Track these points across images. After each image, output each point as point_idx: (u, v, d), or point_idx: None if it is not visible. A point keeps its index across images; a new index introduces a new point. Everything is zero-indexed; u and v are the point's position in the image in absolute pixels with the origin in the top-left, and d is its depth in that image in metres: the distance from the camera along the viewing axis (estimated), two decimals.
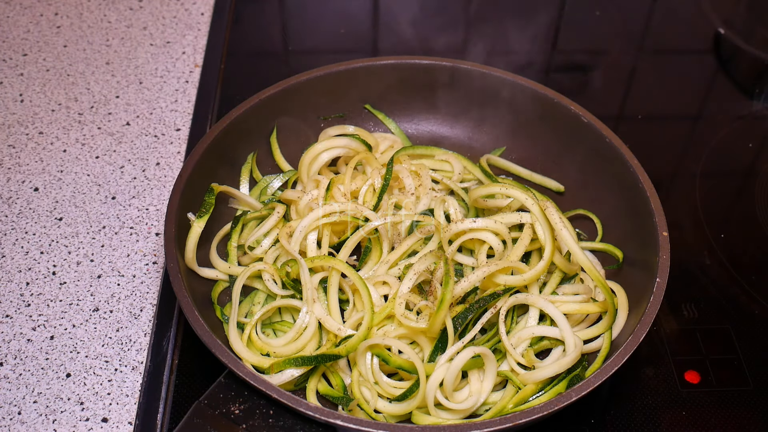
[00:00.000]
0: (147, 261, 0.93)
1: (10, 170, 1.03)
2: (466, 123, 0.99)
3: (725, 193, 1.03)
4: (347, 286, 0.79)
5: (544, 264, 0.75)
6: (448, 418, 0.72)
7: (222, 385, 0.68)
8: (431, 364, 0.73)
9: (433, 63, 0.95)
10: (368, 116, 1.00)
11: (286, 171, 0.95)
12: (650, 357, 0.84)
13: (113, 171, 1.03)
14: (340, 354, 0.72)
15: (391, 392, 0.74)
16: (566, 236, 0.73)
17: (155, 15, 1.28)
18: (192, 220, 0.80)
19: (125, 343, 0.85)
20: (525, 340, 0.77)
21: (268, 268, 0.80)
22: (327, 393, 0.75)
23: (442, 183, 0.91)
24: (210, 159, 0.85)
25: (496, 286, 0.76)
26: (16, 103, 1.12)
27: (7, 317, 0.87)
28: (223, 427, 0.65)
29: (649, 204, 0.80)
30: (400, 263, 0.81)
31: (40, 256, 0.93)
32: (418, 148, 0.95)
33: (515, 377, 0.74)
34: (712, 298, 0.90)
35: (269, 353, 0.76)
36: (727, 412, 0.80)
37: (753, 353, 0.84)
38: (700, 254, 0.95)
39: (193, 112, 1.11)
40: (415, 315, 0.75)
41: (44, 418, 0.79)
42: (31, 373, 0.82)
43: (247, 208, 0.89)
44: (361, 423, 0.64)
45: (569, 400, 0.66)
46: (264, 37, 1.26)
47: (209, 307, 0.81)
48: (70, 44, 1.21)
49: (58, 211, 0.98)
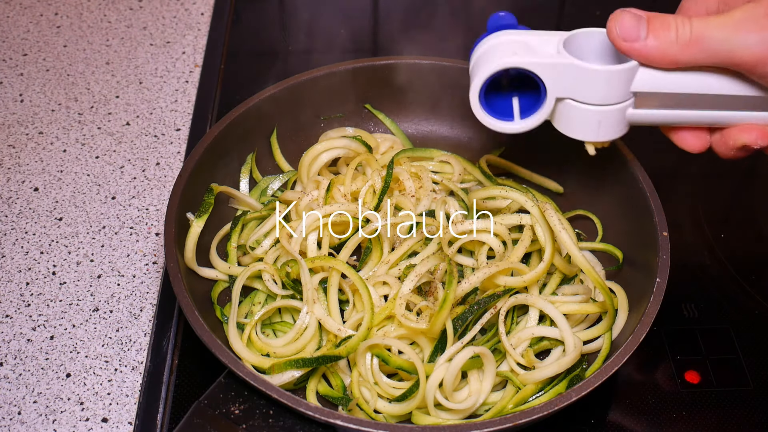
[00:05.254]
0: (147, 261, 0.93)
1: (10, 170, 1.03)
2: (466, 123, 0.99)
3: (725, 193, 1.03)
4: (347, 286, 0.79)
5: (545, 265, 0.75)
6: (447, 419, 0.72)
7: (222, 385, 0.68)
8: (431, 365, 0.73)
9: (433, 63, 0.95)
10: (368, 116, 1.00)
11: (286, 171, 0.95)
12: (650, 357, 0.84)
13: (113, 171, 1.03)
14: (340, 355, 0.73)
15: (390, 392, 0.74)
16: (565, 238, 0.73)
17: (155, 15, 1.28)
18: (191, 219, 0.80)
19: (125, 343, 0.85)
20: (525, 340, 0.77)
21: (268, 268, 0.80)
22: (327, 393, 0.75)
23: (442, 184, 0.91)
24: (210, 159, 0.85)
25: (496, 287, 0.76)
26: (16, 103, 1.12)
27: (7, 317, 0.87)
28: (223, 427, 0.65)
29: (649, 204, 0.80)
30: (400, 264, 0.82)
31: (40, 256, 0.93)
32: (417, 150, 0.95)
33: (515, 377, 0.74)
34: (712, 298, 0.90)
35: (269, 353, 0.76)
36: (727, 412, 0.80)
37: (753, 353, 0.84)
38: (700, 254, 0.95)
39: (193, 112, 1.11)
40: (415, 315, 0.76)
41: (44, 418, 0.79)
42: (31, 373, 0.82)
43: (247, 209, 0.89)
44: (361, 423, 0.64)
45: (569, 400, 0.66)
46: (264, 37, 1.26)
47: (209, 307, 0.81)
48: (70, 44, 1.22)
49: (58, 211, 0.98)
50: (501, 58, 0.68)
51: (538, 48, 0.69)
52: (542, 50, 0.68)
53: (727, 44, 0.63)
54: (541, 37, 0.70)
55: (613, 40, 0.66)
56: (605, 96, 0.68)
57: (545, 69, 0.68)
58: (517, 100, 0.74)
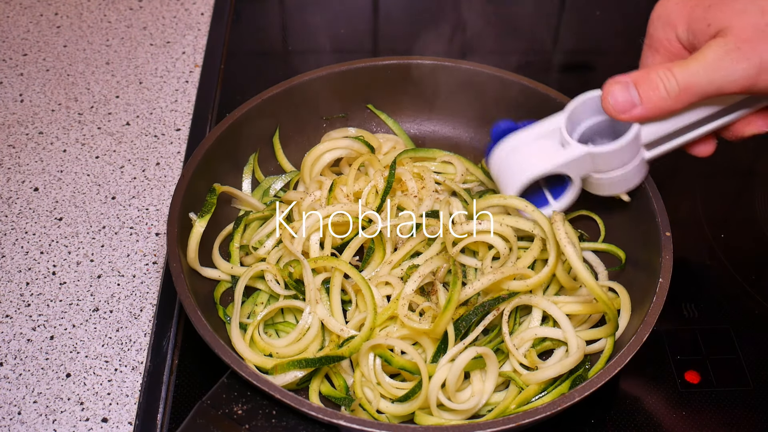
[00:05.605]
0: (147, 261, 0.93)
1: (10, 170, 1.03)
2: (468, 123, 0.99)
3: (725, 193, 1.04)
4: (350, 286, 0.79)
5: (549, 269, 0.75)
6: (450, 419, 0.72)
7: (225, 385, 0.68)
8: (434, 365, 0.73)
9: (435, 63, 0.95)
10: (371, 116, 1.00)
11: (289, 171, 0.95)
12: (650, 357, 0.84)
13: (113, 171, 1.03)
14: (343, 355, 0.72)
15: (393, 393, 0.74)
16: (570, 252, 0.72)
17: (155, 15, 1.28)
18: (194, 219, 0.80)
19: (125, 343, 0.85)
20: (527, 340, 0.77)
21: (270, 269, 0.80)
22: (329, 394, 0.75)
23: (444, 184, 0.91)
24: (212, 159, 0.85)
25: (501, 290, 0.76)
26: (16, 103, 1.12)
27: (7, 317, 0.87)
28: (226, 427, 0.65)
29: (652, 204, 0.80)
30: (402, 264, 0.81)
31: (40, 256, 0.93)
32: (420, 150, 0.95)
33: (518, 378, 0.74)
34: (712, 298, 0.90)
35: (272, 354, 0.75)
36: (727, 412, 0.80)
37: (753, 353, 0.84)
38: (700, 254, 0.95)
39: (193, 112, 1.11)
40: (417, 316, 0.75)
41: (44, 418, 0.79)
42: (31, 373, 0.82)
43: (250, 209, 0.89)
44: (364, 423, 0.64)
45: (572, 400, 0.66)
46: (264, 37, 1.26)
47: (211, 307, 0.81)
48: (70, 44, 1.21)
49: (58, 211, 0.98)
50: (527, 170, 0.76)
51: (553, 147, 0.75)
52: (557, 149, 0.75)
53: (714, 84, 0.66)
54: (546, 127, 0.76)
55: (611, 115, 0.70)
56: (621, 162, 0.75)
57: (567, 167, 0.75)
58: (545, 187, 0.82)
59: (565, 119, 0.75)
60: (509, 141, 0.78)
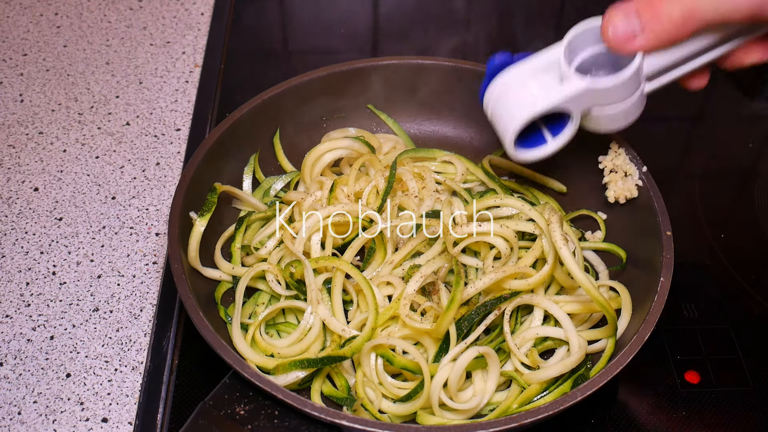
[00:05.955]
0: (147, 261, 0.93)
1: (10, 170, 1.02)
2: (468, 123, 0.99)
3: (725, 193, 1.04)
4: (351, 287, 0.79)
5: (549, 267, 0.75)
6: (452, 419, 0.72)
7: (227, 385, 0.68)
8: (435, 365, 0.73)
9: (435, 63, 0.95)
10: (371, 116, 1.00)
11: (289, 172, 0.95)
12: (650, 357, 0.84)
13: (113, 171, 1.03)
14: (345, 355, 0.72)
15: (395, 393, 0.74)
16: (566, 254, 0.71)
17: (155, 15, 1.27)
18: (194, 218, 0.80)
19: (125, 343, 0.85)
20: (529, 340, 0.77)
21: (271, 269, 0.80)
22: (331, 394, 0.75)
23: (444, 184, 0.91)
24: (213, 159, 0.85)
25: (502, 290, 0.76)
26: (16, 103, 1.11)
27: (7, 317, 0.86)
28: (228, 427, 0.65)
29: (653, 203, 0.80)
30: (404, 264, 0.81)
31: (40, 256, 0.93)
32: (420, 150, 0.95)
33: (519, 377, 0.74)
34: (712, 298, 0.90)
35: (273, 354, 0.75)
36: (727, 412, 0.80)
37: (753, 353, 0.85)
38: (700, 254, 0.95)
39: (193, 112, 1.11)
40: (419, 316, 0.75)
41: (44, 418, 0.78)
42: (31, 373, 0.82)
43: (251, 209, 0.89)
44: (367, 423, 0.64)
45: (574, 399, 0.66)
46: (264, 37, 1.26)
47: (212, 307, 0.81)
48: (70, 44, 1.21)
49: (58, 211, 0.98)
50: (524, 109, 0.70)
51: (551, 82, 0.70)
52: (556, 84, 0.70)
53: (718, 11, 0.64)
54: (544, 60, 0.71)
55: (611, 46, 0.67)
56: (624, 95, 0.71)
57: (567, 102, 0.70)
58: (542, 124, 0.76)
59: (564, 50, 0.69)
60: (505, 77, 0.71)
